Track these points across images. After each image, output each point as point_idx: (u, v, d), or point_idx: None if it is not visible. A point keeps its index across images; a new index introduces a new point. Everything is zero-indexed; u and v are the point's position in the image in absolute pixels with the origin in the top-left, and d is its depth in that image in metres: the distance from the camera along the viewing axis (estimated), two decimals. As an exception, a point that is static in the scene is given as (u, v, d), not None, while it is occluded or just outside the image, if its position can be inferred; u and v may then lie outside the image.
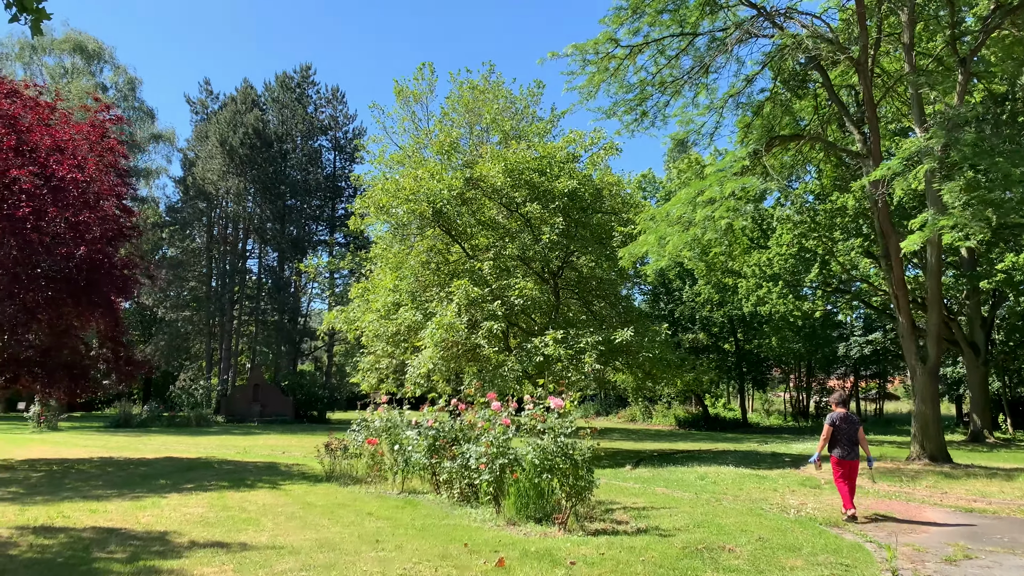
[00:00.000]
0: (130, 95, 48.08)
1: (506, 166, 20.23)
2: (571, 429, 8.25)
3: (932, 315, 16.57)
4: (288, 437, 29.97)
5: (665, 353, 18.75)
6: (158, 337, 48.82)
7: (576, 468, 8.02)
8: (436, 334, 17.88)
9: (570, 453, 8.09)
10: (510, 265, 20.66)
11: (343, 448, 13.94)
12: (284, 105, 49.47)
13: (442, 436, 10.93)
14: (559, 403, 8.29)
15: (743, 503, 11.05)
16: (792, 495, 12.19)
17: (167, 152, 52.04)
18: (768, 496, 11.99)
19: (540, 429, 8.49)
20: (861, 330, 46.33)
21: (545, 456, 8.27)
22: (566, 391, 8.79)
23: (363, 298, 22.64)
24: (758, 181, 14.32)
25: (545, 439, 8.27)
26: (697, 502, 10.93)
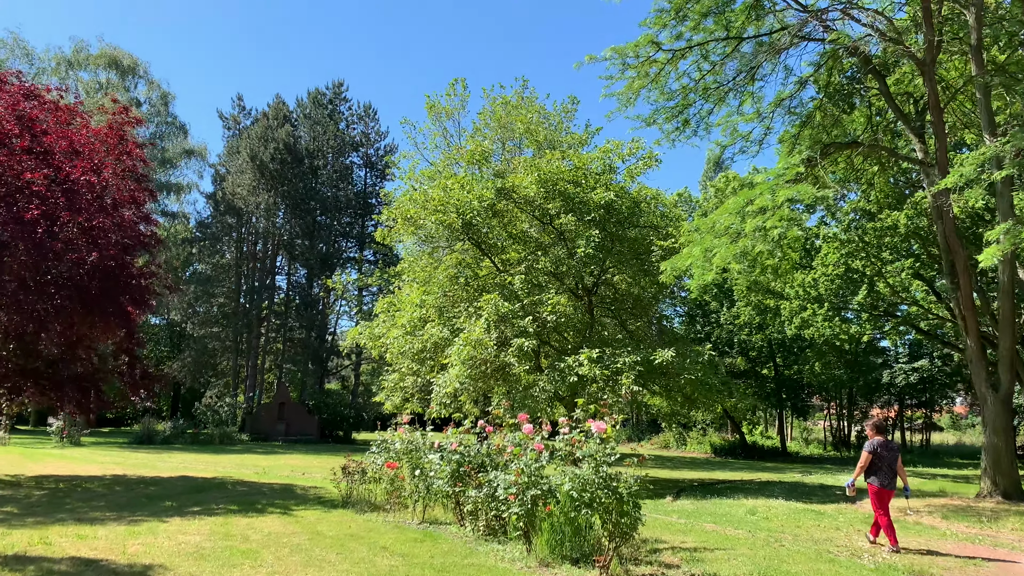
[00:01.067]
0: (163, 110, 48.13)
1: (540, 176, 19.28)
2: (614, 457, 7.14)
3: (1004, 338, 15.18)
4: (310, 457, 29.08)
5: (708, 376, 17.51)
6: (186, 353, 48.45)
7: (620, 503, 6.90)
8: (463, 351, 16.88)
9: (613, 485, 6.98)
10: (542, 280, 19.62)
11: (361, 471, 12.92)
12: (316, 121, 49.20)
13: (467, 461, 9.87)
14: (601, 427, 7.19)
15: (806, 544, 9.80)
16: (858, 535, 10.89)
17: (199, 167, 52.01)
18: (832, 536, 10.71)
19: (578, 456, 7.39)
20: (906, 357, 44.35)
21: (584, 488, 7.17)
22: (608, 413, 7.66)
23: (388, 313, 21.73)
24: (813, 189, 13.18)
25: (584, 468, 7.17)
26: (755, 543, 9.69)
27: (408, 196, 20.86)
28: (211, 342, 48.24)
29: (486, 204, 19.47)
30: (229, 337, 48.19)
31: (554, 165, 19.56)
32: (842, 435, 50.18)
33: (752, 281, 27.51)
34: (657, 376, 18.23)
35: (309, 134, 49.16)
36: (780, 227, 12.81)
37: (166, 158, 47.47)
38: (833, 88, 18.46)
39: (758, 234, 13.37)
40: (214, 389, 51.89)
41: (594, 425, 7.20)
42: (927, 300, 29.42)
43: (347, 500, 12.92)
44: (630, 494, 6.94)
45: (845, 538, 10.53)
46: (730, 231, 14.06)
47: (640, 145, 20.15)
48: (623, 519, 7.00)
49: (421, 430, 12.31)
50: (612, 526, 7.09)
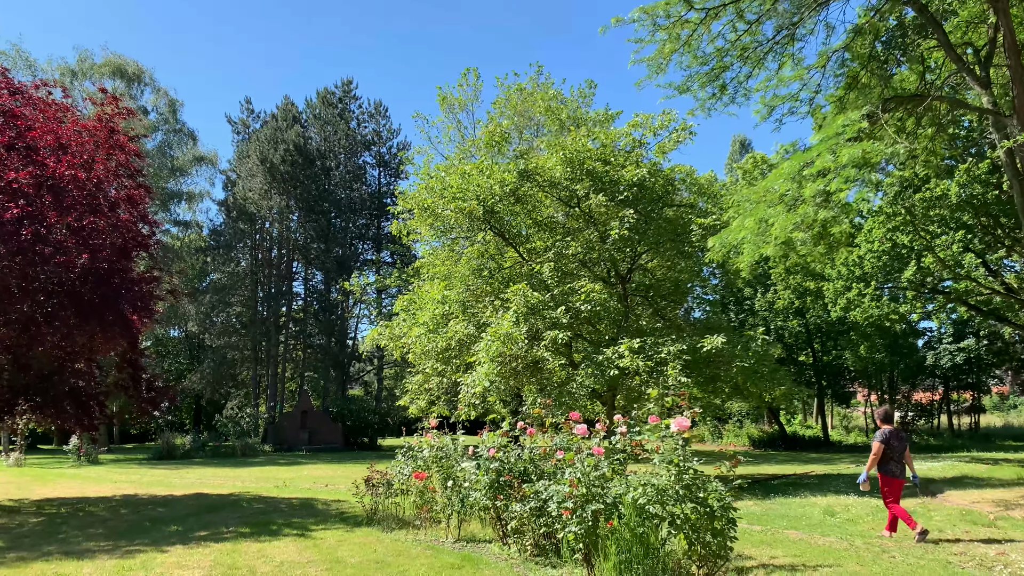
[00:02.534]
0: (171, 118, 47.09)
1: (565, 155, 17.82)
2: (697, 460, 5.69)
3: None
4: (335, 467, 27.86)
5: (760, 364, 15.99)
6: (204, 364, 47.47)
7: (711, 518, 5.45)
8: (492, 347, 15.46)
9: (701, 496, 5.53)
10: (572, 268, 18.17)
11: (386, 483, 11.53)
12: (326, 121, 47.99)
13: (508, 470, 8.44)
14: (684, 424, 5.74)
15: (918, 554, 8.25)
16: (967, 536, 9.34)
17: (210, 174, 50.96)
18: (939, 539, 9.16)
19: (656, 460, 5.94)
20: (951, 337, 42.38)
21: (661, 499, 5.72)
22: (689, 407, 6.19)
23: (408, 312, 20.36)
24: (883, 146, 11.66)
25: (662, 474, 5.72)
26: (859, 555, 8.15)
27: (424, 185, 19.47)
28: (230, 352, 47.24)
29: (508, 189, 18.05)
30: (248, 346, 47.14)
31: (580, 143, 18.08)
32: (870, 423, 48.28)
33: (793, 263, 25.82)
34: (703, 366, 16.73)
35: (320, 134, 47.96)
36: (847, 189, 11.30)
37: (176, 166, 46.42)
38: (884, 41, 16.82)
39: (819, 199, 11.86)
40: (234, 400, 50.96)
41: (674, 422, 5.75)
42: (981, 275, 27.63)
43: (372, 516, 11.55)
44: (722, 506, 5.49)
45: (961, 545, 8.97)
46: (785, 199, 12.54)
47: (672, 117, 18.63)
48: (715, 539, 5.54)
49: (452, 435, 10.90)
50: (701, 547, 5.63)
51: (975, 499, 12.83)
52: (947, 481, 18.45)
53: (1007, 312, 29.79)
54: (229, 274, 47.39)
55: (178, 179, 47.24)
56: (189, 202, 48.37)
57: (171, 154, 46.55)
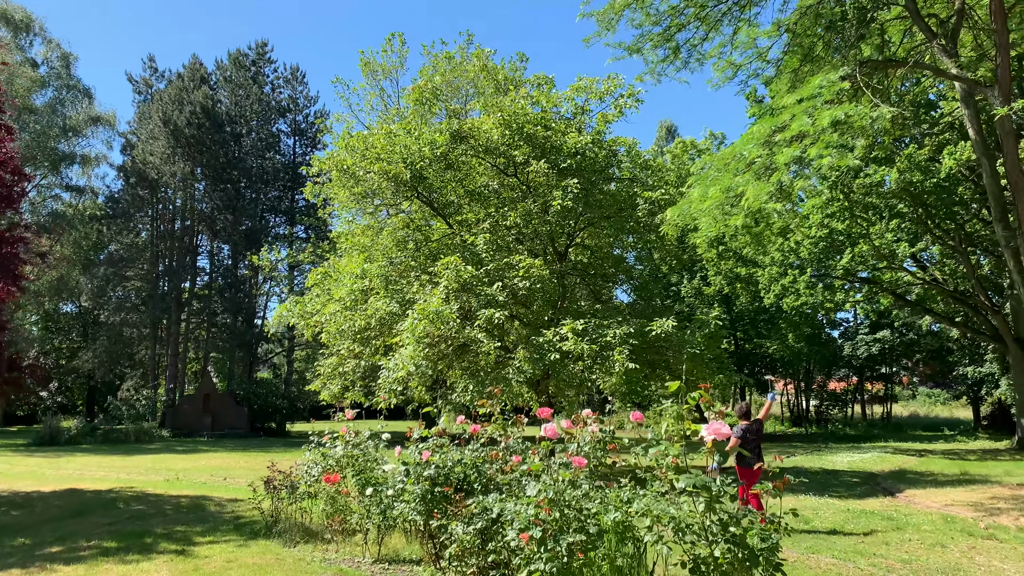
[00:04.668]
0: (64, 73, 42.86)
1: (503, 118, 16.12)
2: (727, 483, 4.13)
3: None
4: (238, 456, 25.50)
5: (710, 349, 14.76)
6: (98, 343, 43.65)
7: (751, 563, 3.89)
8: (418, 326, 13.67)
9: (736, 531, 3.96)
10: (508, 242, 16.53)
11: (290, 486, 9.63)
12: (238, 85, 44.64)
13: (445, 479, 6.73)
14: (721, 430, 4.15)
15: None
16: (973, 550, 8.18)
17: (107, 136, 46.89)
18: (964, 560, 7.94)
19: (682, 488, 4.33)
20: (867, 328, 42.88)
21: (683, 536, 4.12)
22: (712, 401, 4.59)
23: (322, 286, 18.30)
24: (867, 108, 10.44)
25: (683, 503, 4.13)
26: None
27: (344, 143, 17.41)
28: (126, 329, 43.65)
29: (439, 152, 16.24)
30: (146, 324, 43.64)
31: (519, 105, 16.40)
32: (800, 410, 48.70)
33: (742, 244, 24.87)
34: (646, 351, 15.39)
35: (230, 98, 44.61)
36: (828, 155, 10.03)
37: (69, 126, 42.25)
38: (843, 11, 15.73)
39: (797, 166, 10.59)
40: (131, 381, 47.26)
41: (708, 429, 4.16)
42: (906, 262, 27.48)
43: (273, 524, 9.63)
44: (768, 548, 3.94)
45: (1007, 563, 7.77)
46: (755, 166, 11.23)
47: (618, 82, 17.13)
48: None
49: (373, 432, 9.10)
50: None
51: (944, 501, 11.89)
52: (889, 476, 17.76)
53: (930, 303, 29.86)
54: (127, 245, 43.68)
55: (71, 140, 43.07)
56: (84, 166, 44.29)
57: (63, 112, 42.42)
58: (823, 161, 10.08)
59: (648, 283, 19.52)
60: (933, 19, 15.58)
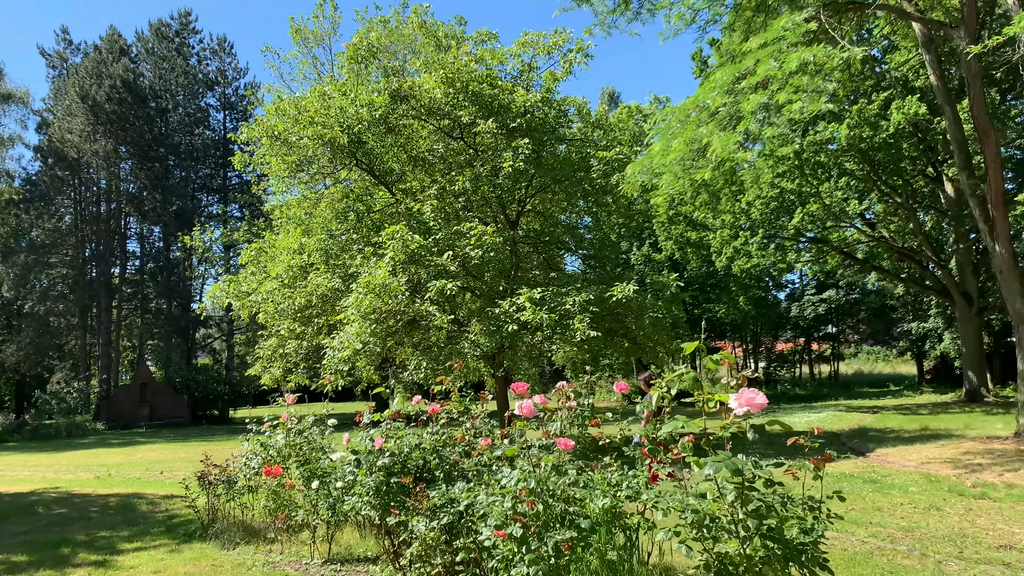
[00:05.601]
0: (-32, 47, 39.99)
1: (446, 75, 15.10)
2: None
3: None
4: (176, 447, 24.17)
5: (671, 314, 14.14)
6: (23, 334, 41.22)
7: (791, 561, 3.13)
8: (363, 301, 12.69)
9: (777, 527, 3.19)
10: (457, 209, 15.60)
11: (227, 481, 8.63)
12: (161, 57, 42.24)
13: (402, 468, 5.86)
14: (756, 400, 3.36)
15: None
16: (972, 513, 7.68)
17: (21, 115, 43.77)
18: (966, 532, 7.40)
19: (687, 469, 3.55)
20: (814, 289, 43.26)
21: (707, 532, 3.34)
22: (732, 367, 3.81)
23: (258, 263, 17.10)
24: (837, 50, 9.79)
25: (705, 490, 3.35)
26: None
27: (275, 107, 16.15)
28: (53, 319, 41.31)
29: (378, 114, 15.16)
30: (75, 312, 41.39)
31: (462, 61, 15.39)
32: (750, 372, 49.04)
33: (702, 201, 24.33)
34: (605, 319, 14.71)
35: (154, 72, 42.22)
36: (799, 100, 9.37)
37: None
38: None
39: (765, 114, 9.91)
40: (61, 373, 44.92)
41: (740, 399, 3.37)
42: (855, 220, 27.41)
43: (209, 524, 8.64)
44: (812, 543, 3.19)
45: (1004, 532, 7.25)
46: (719, 116, 10.52)
47: (566, 36, 16.22)
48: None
49: (320, 423, 8.17)
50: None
51: (918, 458, 11.52)
52: (852, 435, 17.54)
53: (878, 260, 29.97)
54: (49, 231, 41.19)
55: (-21, 119, 40.36)
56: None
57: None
58: (794, 107, 9.41)
59: (603, 248, 18.80)
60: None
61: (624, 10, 15.11)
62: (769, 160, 23.04)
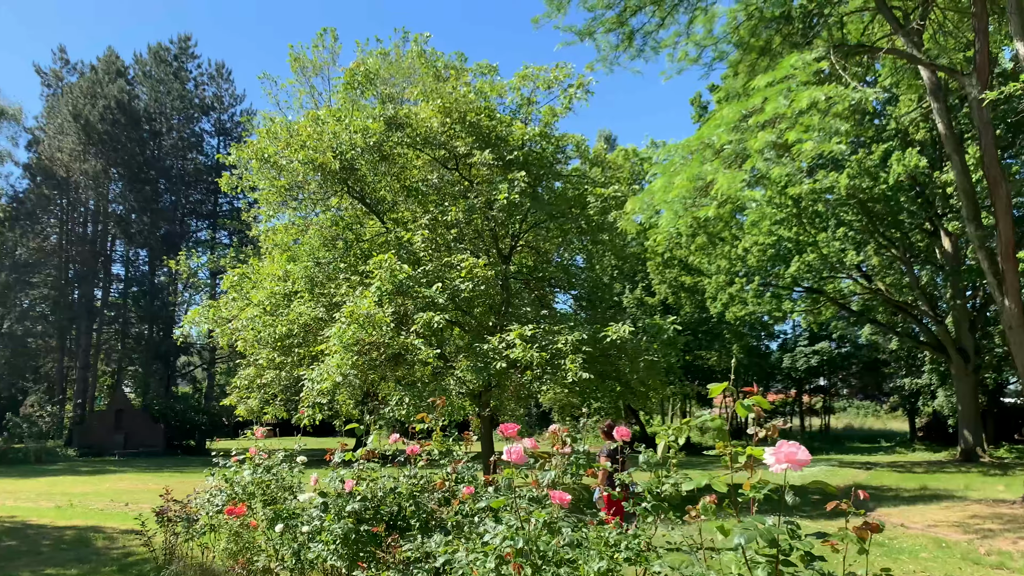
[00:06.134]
0: (-36, 63, 39.72)
1: (443, 104, 14.76)
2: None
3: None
4: (148, 477, 23.34)
5: (668, 356, 13.62)
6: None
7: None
8: (347, 332, 12.11)
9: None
10: (449, 240, 15.13)
11: (186, 519, 7.96)
12: (158, 80, 42.06)
13: (374, 515, 5.26)
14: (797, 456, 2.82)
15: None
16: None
17: (12, 132, 43.44)
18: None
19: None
20: (806, 340, 42.86)
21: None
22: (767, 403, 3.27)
23: (240, 289, 16.53)
24: (849, 90, 9.47)
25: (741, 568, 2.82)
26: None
27: (266, 130, 15.75)
28: (32, 340, 40.40)
29: (372, 141, 14.74)
30: (53, 334, 40.51)
31: (460, 92, 15.07)
32: (739, 423, 48.51)
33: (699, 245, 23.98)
34: (598, 360, 14.17)
35: (150, 95, 41.99)
36: (810, 139, 9.00)
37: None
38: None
39: (772, 152, 9.53)
40: (35, 396, 43.81)
41: (778, 453, 2.79)
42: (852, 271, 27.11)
43: (164, 566, 7.95)
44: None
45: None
46: (724, 153, 10.15)
47: (567, 71, 15.93)
48: None
49: (289, 459, 7.55)
50: None
51: (923, 521, 10.95)
52: (847, 493, 16.93)
53: (873, 313, 29.65)
54: (34, 249, 40.51)
55: (-30, 135, 39.90)
56: (-15, 163, 40.99)
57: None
58: (804, 146, 9.02)
59: (596, 289, 18.34)
60: (898, 11, 14.93)
61: (627, 47, 14.90)
62: (769, 206, 22.74)
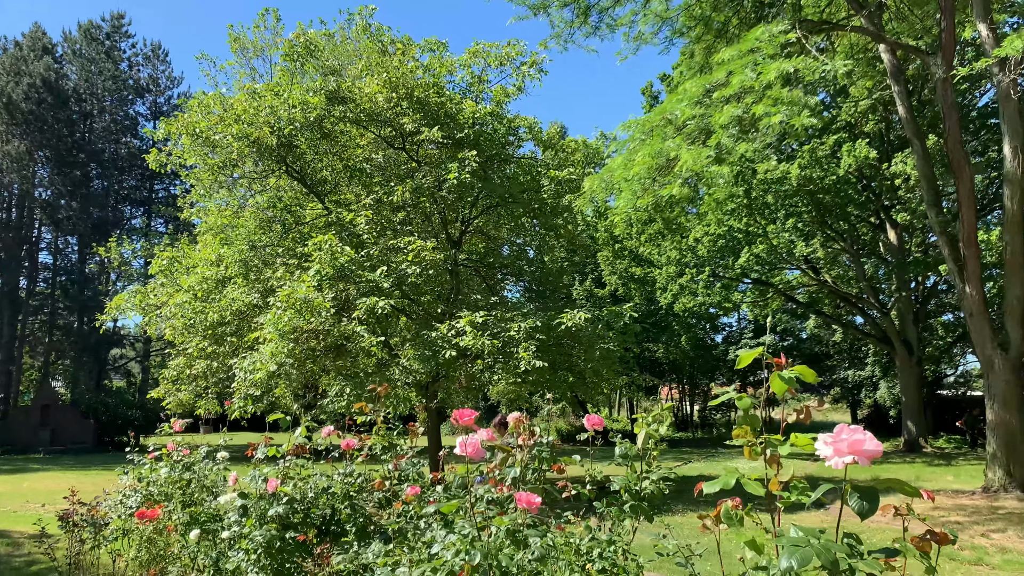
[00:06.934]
0: None
1: (389, 78, 13.94)
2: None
3: (1014, 285, 11.78)
4: (73, 476, 21.94)
5: (624, 344, 13.11)
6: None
7: None
8: (283, 318, 11.25)
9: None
10: (395, 223, 14.34)
11: (93, 524, 7.06)
12: (89, 59, 39.95)
13: (305, 518, 4.52)
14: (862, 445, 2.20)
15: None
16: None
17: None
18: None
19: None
20: (751, 333, 43.19)
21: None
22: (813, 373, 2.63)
23: (169, 275, 15.46)
24: (818, 63, 9.00)
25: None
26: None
27: (197, 101, 14.71)
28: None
29: (312, 117, 13.84)
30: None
31: (408, 66, 14.27)
32: (684, 414, 48.74)
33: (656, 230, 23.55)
34: (552, 349, 13.56)
35: (80, 74, 39.87)
36: (778, 113, 8.50)
37: None
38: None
39: (737, 127, 9.01)
40: (-46, 391, 41.39)
41: (833, 445, 2.15)
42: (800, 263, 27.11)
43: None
44: None
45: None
46: (687, 128, 9.60)
47: (520, 49, 15.28)
48: None
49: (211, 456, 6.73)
50: None
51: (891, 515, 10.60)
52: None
53: (820, 305, 29.79)
54: (-49, 236, 38.18)
55: None
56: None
57: None
58: (773, 120, 8.50)
59: (550, 276, 17.75)
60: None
61: (582, 23, 14.27)
62: (737, 185, 22.33)
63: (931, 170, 12.46)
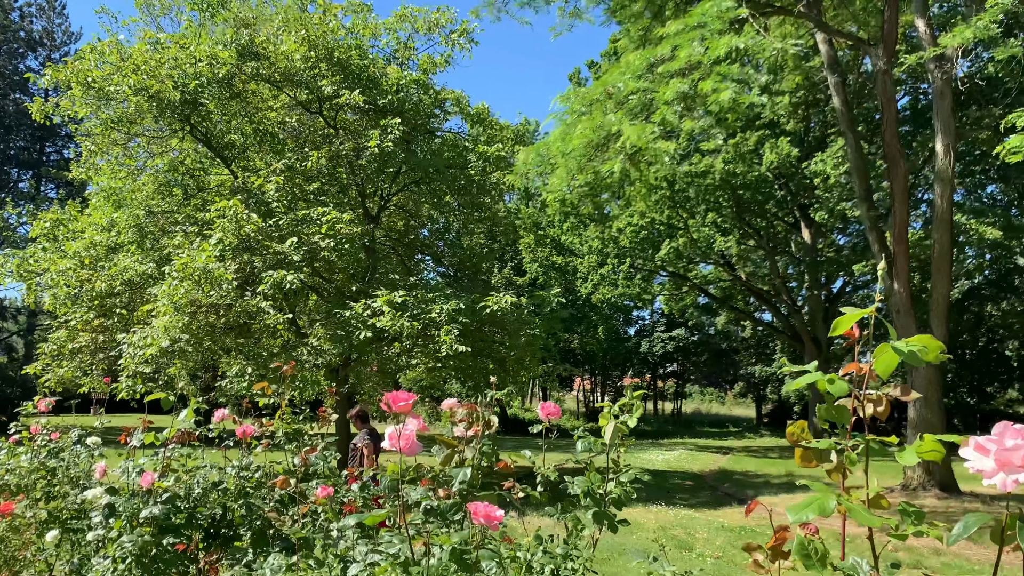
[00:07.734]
0: None
1: (307, 36, 12.92)
2: None
3: (939, 282, 11.80)
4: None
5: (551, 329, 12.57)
6: None
7: None
8: (179, 289, 10.17)
9: None
10: (308, 193, 13.35)
11: (-66, 520, 5.96)
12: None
13: (189, 520, 3.69)
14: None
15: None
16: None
17: None
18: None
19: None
20: (663, 326, 43.70)
21: None
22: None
23: (53, 239, 14.00)
24: (769, 40, 8.60)
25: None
26: None
27: (91, 47, 13.30)
28: None
29: (221, 73, 12.67)
30: None
31: (329, 25, 13.27)
32: (594, 405, 49.07)
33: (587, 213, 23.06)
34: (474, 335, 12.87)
35: (-37, 22, 36.60)
36: (726, 89, 8.05)
37: None
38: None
39: (683, 103, 8.53)
40: None
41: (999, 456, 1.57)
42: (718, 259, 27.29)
43: (-97, 581, 5.92)
44: None
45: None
46: (630, 103, 9.07)
47: (450, 16, 14.47)
48: None
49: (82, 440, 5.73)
50: None
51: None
52: (717, 477, 16.66)
53: (733, 301, 30.15)
54: None
55: None
56: None
57: None
58: (720, 96, 8.04)
59: (474, 257, 17.05)
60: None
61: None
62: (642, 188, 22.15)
63: (864, 163, 12.38)
